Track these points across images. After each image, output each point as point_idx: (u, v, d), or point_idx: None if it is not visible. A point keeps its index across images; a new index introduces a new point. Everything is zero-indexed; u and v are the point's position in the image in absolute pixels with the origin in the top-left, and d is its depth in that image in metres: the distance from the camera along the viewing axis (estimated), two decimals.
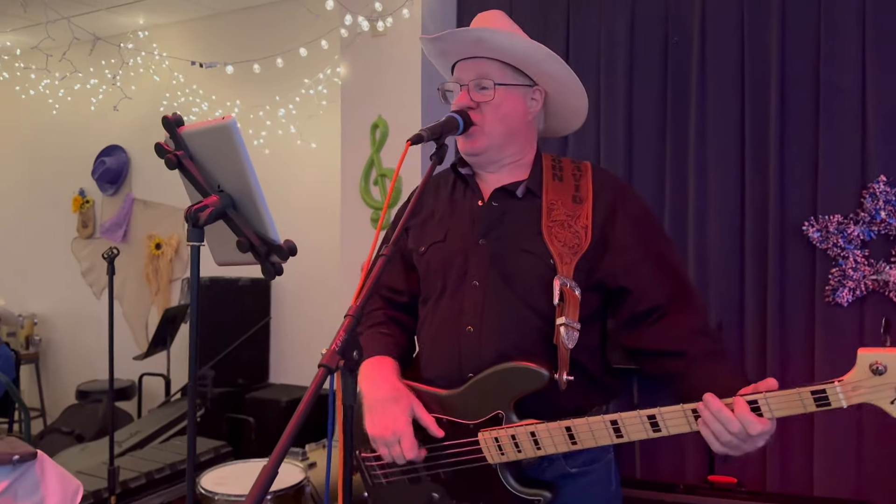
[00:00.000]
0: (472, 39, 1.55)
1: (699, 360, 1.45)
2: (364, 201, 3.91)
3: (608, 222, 1.55)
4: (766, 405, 1.26)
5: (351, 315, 1.15)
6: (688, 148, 3.36)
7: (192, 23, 5.35)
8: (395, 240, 1.28)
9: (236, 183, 1.26)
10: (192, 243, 1.24)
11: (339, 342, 1.11)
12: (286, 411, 4.24)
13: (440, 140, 1.45)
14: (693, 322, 1.50)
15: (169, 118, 1.27)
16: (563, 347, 1.42)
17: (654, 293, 1.52)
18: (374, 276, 1.21)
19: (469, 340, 1.53)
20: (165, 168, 1.26)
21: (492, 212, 1.60)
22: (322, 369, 1.07)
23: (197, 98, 5.09)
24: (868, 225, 3.00)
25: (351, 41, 3.88)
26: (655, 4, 3.45)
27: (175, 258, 5.46)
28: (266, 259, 1.27)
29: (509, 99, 1.58)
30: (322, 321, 4.72)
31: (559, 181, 1.60)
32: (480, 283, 1.55)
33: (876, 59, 2.97)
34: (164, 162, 1.27)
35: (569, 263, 1.49)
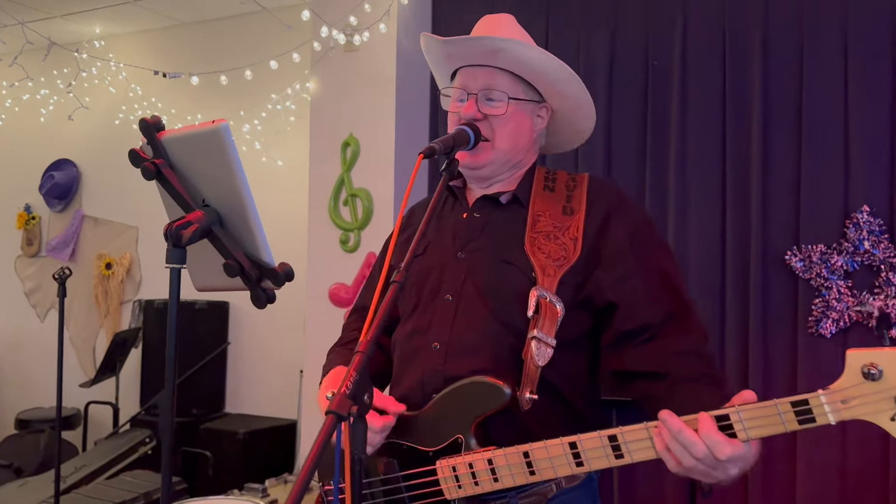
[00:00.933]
0: (489, 49, 1.43)
1: (682, 381, 1.29)
2: (333, 222, 3.75)
3: (601, 234, 1.41)
4: (740, 422, 1.06)
5: (362, 352, 0.99)
6: (668, 174, 3.30)
7: (151, 33, 5.14)
8: (406, 264, 1.13)
9: (225, 197, 1.09)
10: (172, 265, 1.07)
11: (350, 383, 0.95)
12: (244, 444, 4.01)
13: (451, 154, 1.32)
14: (684, 343, 1.34)
15: (148, 121, 1.11)
16: (531, 363, 1.28)
17: (645, 310, 1.36)
18: (384, 307, 1.06)
19: (434, 358, 1.40)
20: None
21: (473, 223, 1.49)
22: (331, 417, 0.91)
23: (155, 111, 4.86)
24: (851, 255, 2.96)
25: (322, 56, 3.74)
26: (635, 27, 3.39)
27: (126, 279, 5.19)
28: (257, 285, 1.10)
29: (519, 114, 1.47)
30: (284, 348, 4.52)
31: (549, 192, 1.48)
32: (454, 297, 1.42)
33: (858, 88, 2.96)
34: (141, 171, 1.10)
35: (552, 276, 1.35)
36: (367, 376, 0.99)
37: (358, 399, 0.96)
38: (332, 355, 1.60)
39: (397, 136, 3.63)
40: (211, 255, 1.14)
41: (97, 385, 4.57)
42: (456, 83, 1.50)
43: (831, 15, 3.01)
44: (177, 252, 1.06)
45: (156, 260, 5.14)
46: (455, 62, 1.51)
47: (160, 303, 4.57)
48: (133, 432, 4.05)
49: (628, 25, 3.41)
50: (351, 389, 0.95)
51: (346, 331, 1.69)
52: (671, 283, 1.40)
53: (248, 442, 4.07)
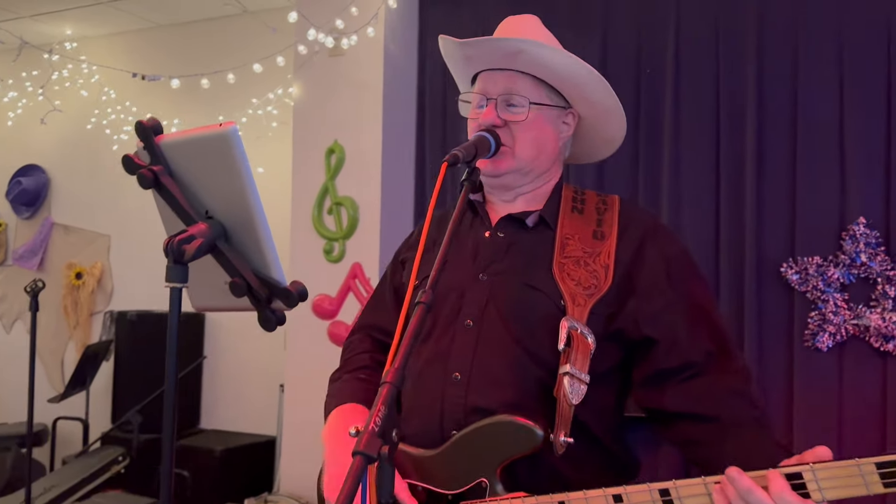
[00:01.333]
0: (510, 51, 1.33)
1: (734, 426, 1.21)
2: (317, 231, 3.63)
3: (635, 262, 1.32)
4: (815, 481, 0.98)
5: (390, 382, 0.89)
6: (661, 184, 3.24)
7: (126, 35, 4.98)
8: (432, 283, 1.02)
9: (232, 208, 0.98)
10: (173, 284, 0.95)
11: (378, 418, 0.84)
12: (222, 462, 3.86)
13: (472, 162, 1.22)
14: (732, 383, 1.26)
15: (145, 123, 1.00)
16: (564, 402, 1.18)
17: (688, 347, 1.28)
18: (411, 332, 0.96)
19: (454, 390, 1.28)
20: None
21: (497, 243, 1.38)
22: (359, 458, 0.81)
23: (130, 116, 4.70)
24: (848, 268, 2.92)
25: (306, 60, 3.63)
26: (628, 34, 3.33)
27: (97, 289, 5.01)
28: (266, 306, 0.99)
29: (542, 121, 1.37)
30: (263, 362, 4.38)
31: (578, 214, 1.38)
32: (475, 322, 1.31)
33: (854, 99, 2.93)
34: (137, 179, 0.98)
35: (582, 306, 1.26)
36: (395, 410, 0.88)
37: (387, 437, 0.85)
38: (339, 384, 1.46)
39: (384, 142, 3.53)
40: (213, 272, 1.03)
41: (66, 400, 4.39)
42: (476, 88, 1.41)
43: (826, 24, 2.98)
44: (178, 269, 0.95)
45: (128, 270, 4.97)
46: (475, 65, 1.41)
47: (133, 314, 4.41)
48: (105, 450, 3.87)
49: (620, 28, 3.35)
50: (380, 426, 0.84)
51: (350, 353, 1.55)
52: (711, 319, 1.32)
53: (226, 459, 3.92)
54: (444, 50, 1.45)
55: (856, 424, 2.89)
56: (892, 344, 2.83)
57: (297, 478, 3.62)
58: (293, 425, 3.69)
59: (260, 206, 0.99)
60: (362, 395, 1.38)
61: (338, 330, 3.59)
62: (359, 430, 1.03)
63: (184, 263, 0.95)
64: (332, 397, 1.43)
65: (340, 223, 3.61)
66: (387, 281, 1.57)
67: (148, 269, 4.82)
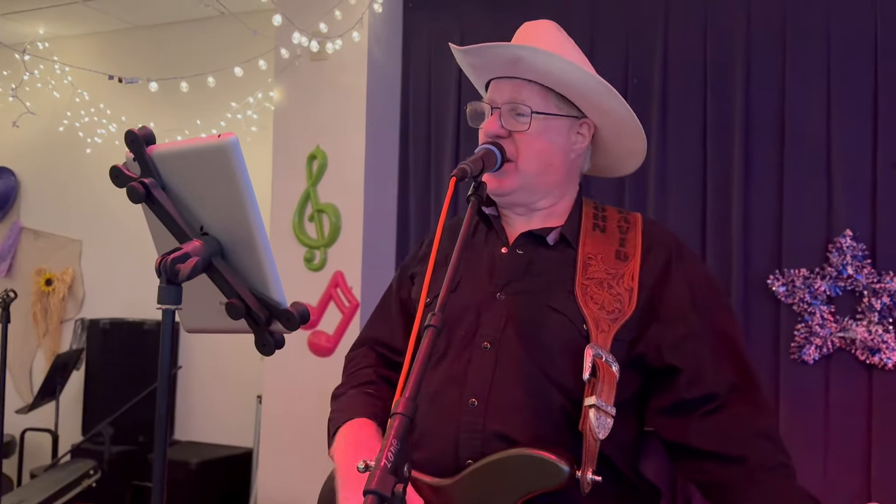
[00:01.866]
0: (508, 58, 1.28)
1: (761, 471, 1.16)
2: (297, 239, 3.56)
3: (659, 286, 1.27)
4: None
5: (402, 413, 0.83)
6: (647, 195, 3.22)
7: (101, 36, 4.85)
8: (441, 303, 0.97)
9: (230, 224, 0.92)
10: (166, 307, 0.89)
11: (390, 453, 0.79)
12: (197, 475, 3.75)
13: (479, 176, 1.16)
14: (759, 422, 1.21)
15: (136, 133, 0.93)
16: (590, 437, 1.12)
17: (712, 378, 1.22)
18: (421, 358, 0.90)
19: (471, 417, 1.21)
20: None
21: (515, 261, 1.32)
22: (371, 498, 0.75)
23: (104, 119, 4.58)
24: (834, 280, 2.91)
25: (288, 64, 3.56)
26: (615, 42, 3.31)
27: (68, 296, 4.87)
28: (265, 328, 0.93)
29: (549, 131, 1.30)
30: (240, 372, 4.29)
31: (600, 232, 1.32)
32: (493, 345, 1.25)
33: (840, 113, 2.93)
34: (127, 192, 0.91)
35: (606, 332, 1.20)
36: (408, 443, 0.83)
37: (399, 473, 0.79)
38: (346, 399, 1.38)
39: (367, 149, 3.47)
40: (206, 292, 0.96)
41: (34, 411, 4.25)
42: (486, 97, 1.35)
43: (814, 37, 2.98)
44: (171, 290, 0.88)
45: (100, 276, 4.84)
46: (481, 74, 1.36)
47: (106, 322, 4.28)
48: (75, 463, 3.74)
49: (607, 37, 3.32)
50: (392, 462, 0.78)
51: (354, 367, 1.47)
52: (736, 349, 1.26)
53: (201, 472, 3.81)
54: (456, 58, 1.39)
55: (841, 437, 2.88)
56: (877, 357, 2.82)
57: (274, 491, 3.54)
58: (271, 437, 3.60)
59: (261, 222, 0.92)
60: (371, 410, 1.32)
61: (318, 340, 3.51)
62: (368, 465, 0.98)
63: (177, 284, 0.88)
64: (340, 412, 1.34)
65: (322, 231, 3.54)
66: (392, 294, 1.51)
67: (121, 275, 4.71)
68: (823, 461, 2.90)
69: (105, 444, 3.78)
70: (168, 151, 0.94)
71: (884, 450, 2.80)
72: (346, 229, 3.50)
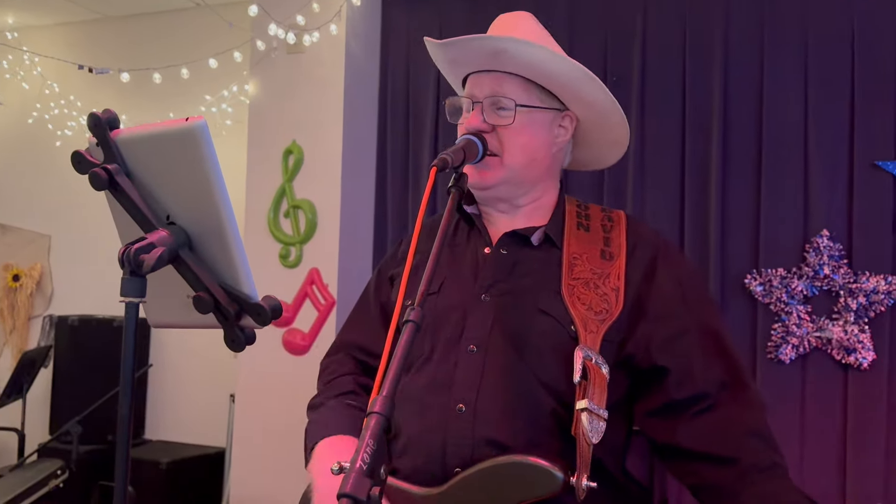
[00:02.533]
0: (489, 50, 1.24)
1: (754, 473, 1.14)
2: (272, 235, 3.50)
3: (646, 284, 1.25)
4: None
5: (378, 413, 0.79)
6: (625, 195, 3.21)
7: (71, 26, 4.74)
8: (420, 299, 0.93)
9: (198, 213, 0.87)
10: (129, 299, 0.84)
11: (366, 454, 0.75)
12: (168, 475, 3.68)
13: (460, 167, 1.12)
14: (749, 421, 1.19)
15: (99, 116, 0.87)
16: (583, 441, 1.09)
17: (701, 377, 1.20)
18: (400, 353, 0.86)
19: (459, 423, 1.17)
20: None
21: (500, 261, 1.28)
22: (346, 502, 0.71)
23: (74, 111, 4.48)
24: (811, 280, 2.92)
25: (263, 56, 3.49)
26: (593, 39, 3.29)
27: (36, 292, 4.75)
28: (235, 323, 0.88)
29: (532, 125, 1.27)
30: (212, 371, 4.21)
31: (584, 231, 1.29)
32: (479, 348, 1.21)
33: (818, 115, 2.95)
34: (89, 179, 0.86)
35: (594, 333, 1.17)
36: (385, 444, 0.79)
37: (375, 475, 0.76)
38: (325, 411, 1.32)
39: (345, 144, 3.42)
40: (173, 284, 0.92)
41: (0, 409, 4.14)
42: (465, 91, 1.31)
43: (791, 39, 2.99)
44: (135, 282, 0.83)
45: (69, 272, 4.73)
46: (461, 68, 1.32)
47: (74, 319, 4.18)
48: (42, 463, 3.64)
49: (586, 35, 3.30)
50: (368, 464, 0.74)
51: (332, 375, 1.41)
52: (724, 347, 1.24)
53: (172, 472, 3.73)
54: (431, 53, 1.35)
55: (817, 436, 2.89)
56: (853, 356, 2.84)
57: (247, 491, 3.48)
58: (244, 437, 3.54)
59: (230, 211, 0.88)
60: (352, 423, 1.25)
61: (293, 338, 3.46)
62: (342, 468, 0.93)
63: (142, 276, 0.84)
64: (319, 425, 1.28)
65: (298, 227, 3.48)
66: (370, 297, 1.45)
67: (90, 271, 4.60)
68: (799, 459, 2.91)
69: (73, 443, 3.68)
70: (133, 136, 0.89)
71: (858, 448, 2.82)
72: (322, 226, 3.44)
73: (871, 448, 2.80)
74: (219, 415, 4.05)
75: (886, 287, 2.80)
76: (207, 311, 0.88)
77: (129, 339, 0.85)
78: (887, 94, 2.85)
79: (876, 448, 2.79)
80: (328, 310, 3.40)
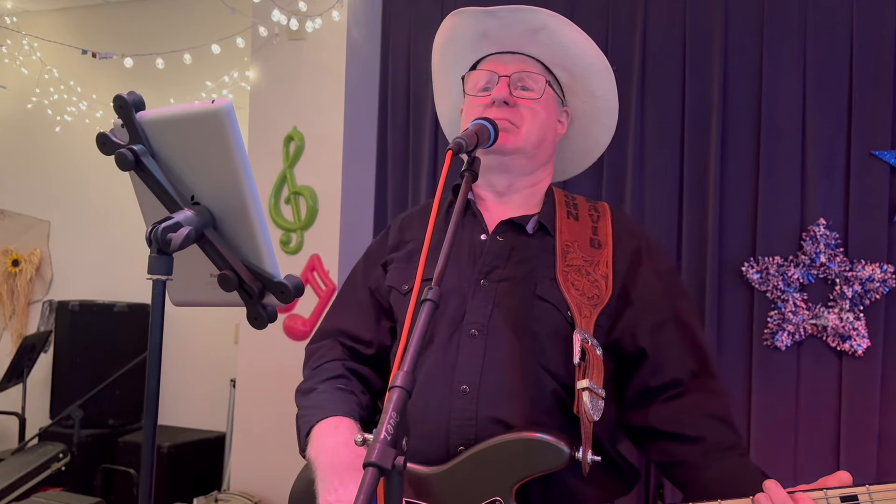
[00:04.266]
0: (533, 26, 1.29)
1: (718, 450, 1.22)
2: (273, 221, 3.51)
3: (631, 275, 1.31)
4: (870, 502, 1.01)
5: (401, 387, 0.82)
6: (624, 184, 3.24)
7: (72, 11, 4.73)
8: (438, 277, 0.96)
9: (222, 193, 0.90)
10: (156, 276, 0.86)
11: (390, 426, 0.78)
12: (170, 459, 3.71)
13: (473, 151, 1.15)
14: (714, 406, 1.27)
15: (125, 98, 0.90)
16: (585, 419, 1.13)
17: (675, 366, 1.28)
18: (419, 330, 0.89)
19: (463, 403, 1.21)
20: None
21: (497, 248, 1.32)
22: (372, 470, 0.74)
23: (73, 96, 4.47)
24: (808, 268, 2.96)
25: (265, 43, 3.50)
26: (594, 33, 3.27)
27: (36, 277, 4.76)
28: (258, 301, 0.91)
29: (549, 107, 1.33)
30: (214, 356, 4.24)
31: (574, 220, 1.34)
32: (480, 332, 1.25)
33: (816, 104, 2.97)
34: (115, 159, 0.88)
35: (588, 317, 1.23)
36: (406, 417, 0.82)
37: (399, 446, 0.79)
38: (318, 395, 1.32)
39: (346, 130, 3.43)
40: (197, 263, 0.94)
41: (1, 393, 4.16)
42: (483, 67, 1.34)
43: (790, 30, 3.01)
44: (162, 260, 0.85)
45: (69, 257, 4.74)
46: (486, 46, 1.35)
47: (75, 304, 4.20)
48: (43, 446, 3.67)
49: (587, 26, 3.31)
50: (392, 435, 0.77)
51: (320, 360, 1.41)
52: (696, 339, 1.31)
53: (173, 456, 3.76)
54: (453, 28, 1.38)
55: (812, 421, 2.93)
56: (848, 343, 2.88)
57: (248, 475, 3.51)
58: (244, 421, 3.57)
59: (255, 192, 0.90)
60: (347, 407, 1.28)
61: (293, 323, 3.48)
62: (366, 440, 0.96)
63: (168, 254, 0.86)
64: (313, 409, 1.29)
65: (298, 213, 3.50)
66: (358, 283, 1.46)
67: (90, 257, 4.62)
68: (794, 445, 2.96)
69: (74, 427, 3.71)
70: (158, 117, 0.91)
71: (853, 434, 2.86)
72: (323, 212, 3.46)
73: (864, 434, 2.84)
74: (219, 400, 4.08)
75: (882, 275, 2.84)
76: (232, 290, 0.90)
77: (158, 316, 0.87)
78: (884, 85, 2.88)
79: (870, 434, 2.84)
80: (329, 296, 3.43)
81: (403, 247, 1.40)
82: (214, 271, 0.92)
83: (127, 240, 4.32)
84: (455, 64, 1.43)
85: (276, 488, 3.39)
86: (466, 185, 1.10)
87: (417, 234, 1.39)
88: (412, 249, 1.38)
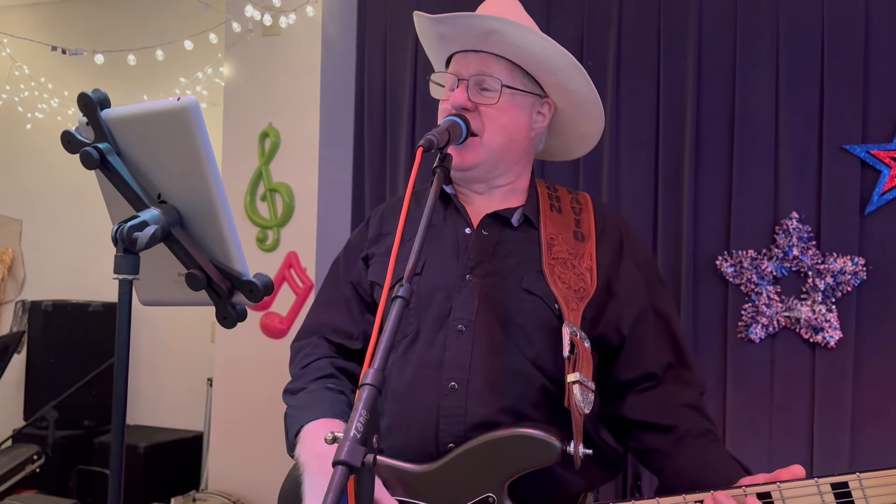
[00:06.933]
0: (482, 30, 1.27)
1: (690, 438, 1.24)
2: (249, 219, 3.49)
3: (614, 267, 1.32)
4: (780, 499, 1.02)
5: (371, 385, 0.82)
6: (601, 177, 3.25)
7: (43, 7, 4.66)
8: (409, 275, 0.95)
9: (189, 191, 0.89)
10: (123, 276, 0.85)
11: (359, 423, 0.77)
12: (146, 459, 3.67)
13: (444, 148, 1.15)
14: (686, 396, 1.29)
15: (90, 95, 0.88)
16: (576, 412, 1.13)
17: (651, 358, 1.30)
18: (390, 327, 0.88)
19: (451, 401, 1.21)
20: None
21: (482, 241, 1.31)
22: (341, 468, 0.73)
23: (45, 93, 4.41)
24: (781, 261, 2.99)
25: (239, 38, 3.47)
26: (569, 25, 3.31)
27: (8, 277, 4.69)
28: (227, 300, 0.90)
29: (514, 107, 1.31)
30: (190, 354, 4.21)
31: (557, 213, 1.34)
32: (467, 328, 1.25)
33: (788, 100, 3.00)
34: (80, 158, 0.87)
35: (575, 310, 1.23)
36: (377, 414, 0.81)
37: (369, 443, 0.78)
38: (306, 395, 1.31)
39: (322, 127, 3.41)
40: (164, 262, 0.93)
41: None
42: (450, 69, 1.34)
43: (763, 25, 3.03)
44: (129, 259, 0.84)
45: (41, 257, 4.68)
46: (448, 46, 1.34)
47: (48, 304, 4.15)
48: (17, 448, 3.63)
49: (562, 19, 3.32)
50: (362, 433, 0.77)
51: (308, 359, 1.39)
52: (672, 330, 1.33)
53: (150, 456, 3.73)
54: (418, 28, 1.37)
55: (785, 413, 2.97)
56: (820, 335, 2.91)
57: (225, 474, 3.49)
58: (222, 420, 3.54)
59: (222, 189, 0.89)
60: (337, 408, 1.26)
61: (271, 321, 3.46)
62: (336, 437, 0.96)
63: (135, 253, 0.85)
64: (302, 409, 1.27)
65: (275, 210, 3.48)
66: (340, 277, 1.45)
67: (63, 256, 4.56)
68: (769, 436, 2.99)
69: (49, 428, 3.66)
70: (124, 115, 0.90)
71: (825, 424, 2.90)
72: (299, 209, 3.44)
73: (837, 424, 2.88)
74: (196, 399, 4.05)
75: (853, 268, 2.88)
76: (200, 289, 0.89)
77: (124, 316, 0.86)
78: (855, 80, 2.91)
79: (842, 424, 2.88)
80: (306, 293, 3.41)
81: (383, 240, 1.40)
82: (182, 270, 0.91)
83: (101, 238, 4.27)
84: (436, 59, 1.43)
85: (254, 487, 3.37)
86: (438, 181, 1.10)
87: (390, 230, 1.39)
88: (389, 245, 1.38)
